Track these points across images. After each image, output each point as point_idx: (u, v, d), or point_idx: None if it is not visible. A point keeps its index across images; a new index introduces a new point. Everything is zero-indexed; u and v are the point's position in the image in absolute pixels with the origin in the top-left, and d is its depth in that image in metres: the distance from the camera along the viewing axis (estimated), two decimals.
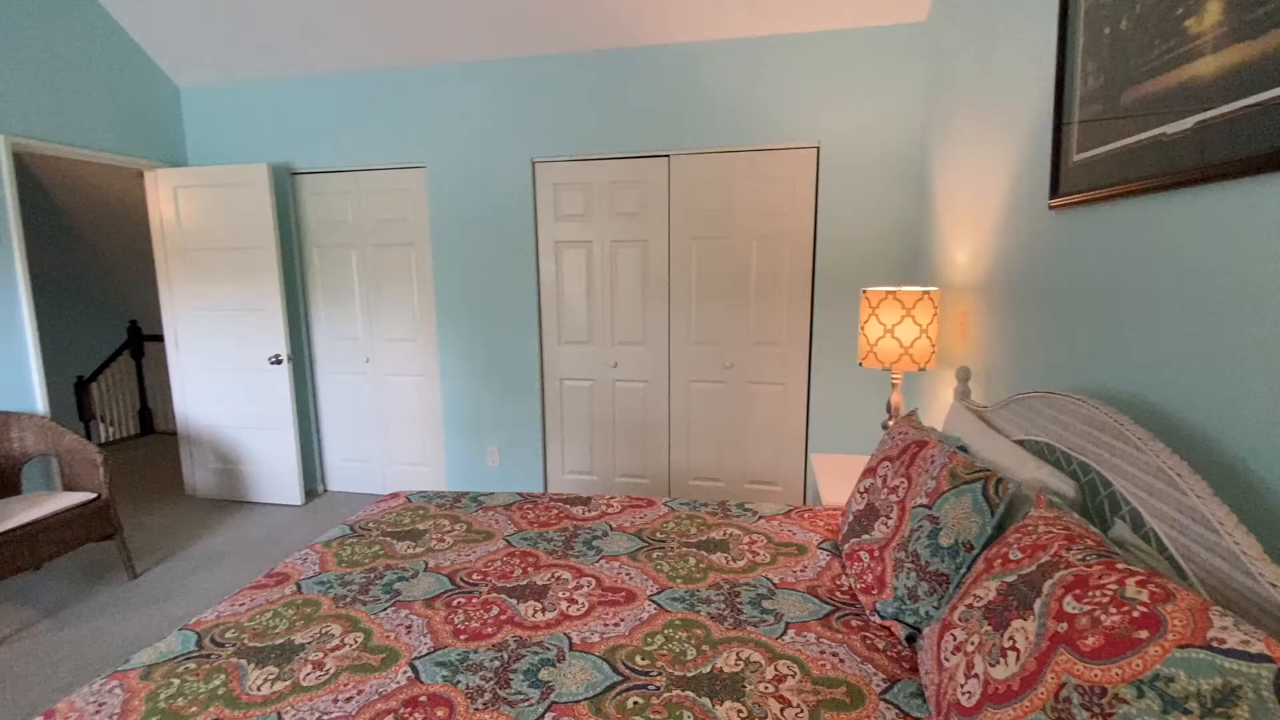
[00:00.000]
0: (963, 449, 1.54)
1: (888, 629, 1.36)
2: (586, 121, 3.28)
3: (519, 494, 2.28)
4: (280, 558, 3.08)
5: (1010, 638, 0.92)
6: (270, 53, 3.45)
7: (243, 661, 1.29)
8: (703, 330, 3.33)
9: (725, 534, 1.87)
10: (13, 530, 2.45)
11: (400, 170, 3.58)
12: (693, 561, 1.71)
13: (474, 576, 1.65)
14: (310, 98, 3.59)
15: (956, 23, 2.43)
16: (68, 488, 3.01)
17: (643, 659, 1.28)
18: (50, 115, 3.09)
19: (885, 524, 1.50)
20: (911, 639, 1.31)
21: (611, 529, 1.95)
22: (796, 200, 3.12)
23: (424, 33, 3.22)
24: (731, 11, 2.91)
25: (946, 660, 1.04)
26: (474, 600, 1.53)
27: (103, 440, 5.44)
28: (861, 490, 1.69)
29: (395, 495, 2.30)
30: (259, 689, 1.20)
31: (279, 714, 1.13)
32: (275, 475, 3.75)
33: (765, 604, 1.47)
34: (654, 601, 1.51)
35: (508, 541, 1.87)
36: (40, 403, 3.06)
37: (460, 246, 3.54)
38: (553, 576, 1.64)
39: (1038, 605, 0.91)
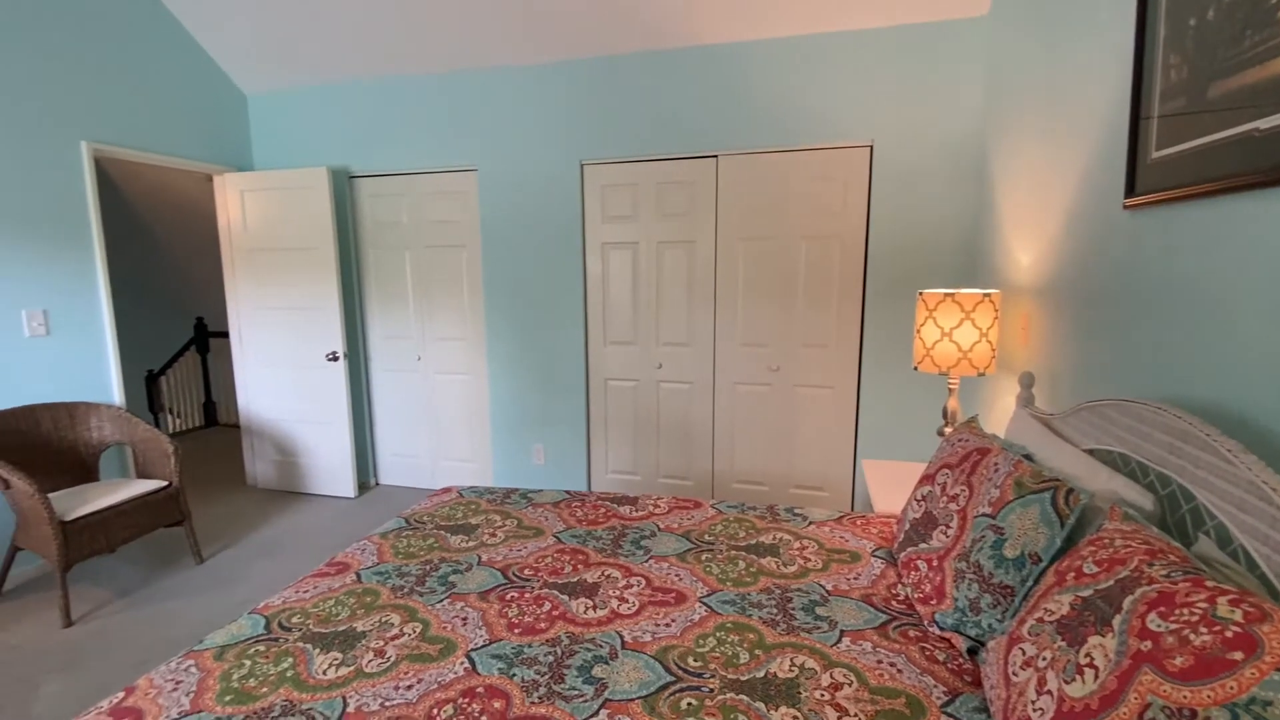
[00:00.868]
0: (1028, 458, 1.48)
1: (948, 640, 1.32)
2: (635, 123, 3.30)
3: (567, 492, 2.31)
4: (335, 548, 3.18)
5: (1087, 654, 0.88)
6: (330, 61, 3.58)
7: (309, 646, 1.34)
8: (749, 332, 3.30)
9: (775, 538, 1.85)
10: (93, 514, 2.60)
11: (453, 173, 3.66)
12: (742, 565, 1.69)
13: (526, 572, 1.68)
14: (367, 103, 3.71)
15: (1022, 16, 2.35)
16: (140, 475, 3.18)
17: (695, 660, 1.28)
18: (129, 122, 3.28)
19: (944, 533, 1.46)
20: (973, 651, 1.27)
21: (659, 529, 1.95)
22: (848, 200, 3.07)
23: (476, 37, 3.28)
24: (783, 10, 2.88)
25: (1015, 675, 1.00)
26: (526, 595, 1.55)
27: (170, 431, 5.73)
28: (918, 498, 1.65)
29: (447, 490, 2.35)
30: (325, 673, 1.25)
31: (344, 698, 1.17)
32: (330, 468, 3.89)
33: (819, 610, 1.45)
34: (704, 604, 1.50)
35: (557, 538, 1.89)
36: (117, 394, 3.24)
37: (509, 248, 3.60)
38: (602, 575, 1.66)
39: (1117, 622, 0.87)
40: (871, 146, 2.99)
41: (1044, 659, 0.95)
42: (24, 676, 2.19)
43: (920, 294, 2.17)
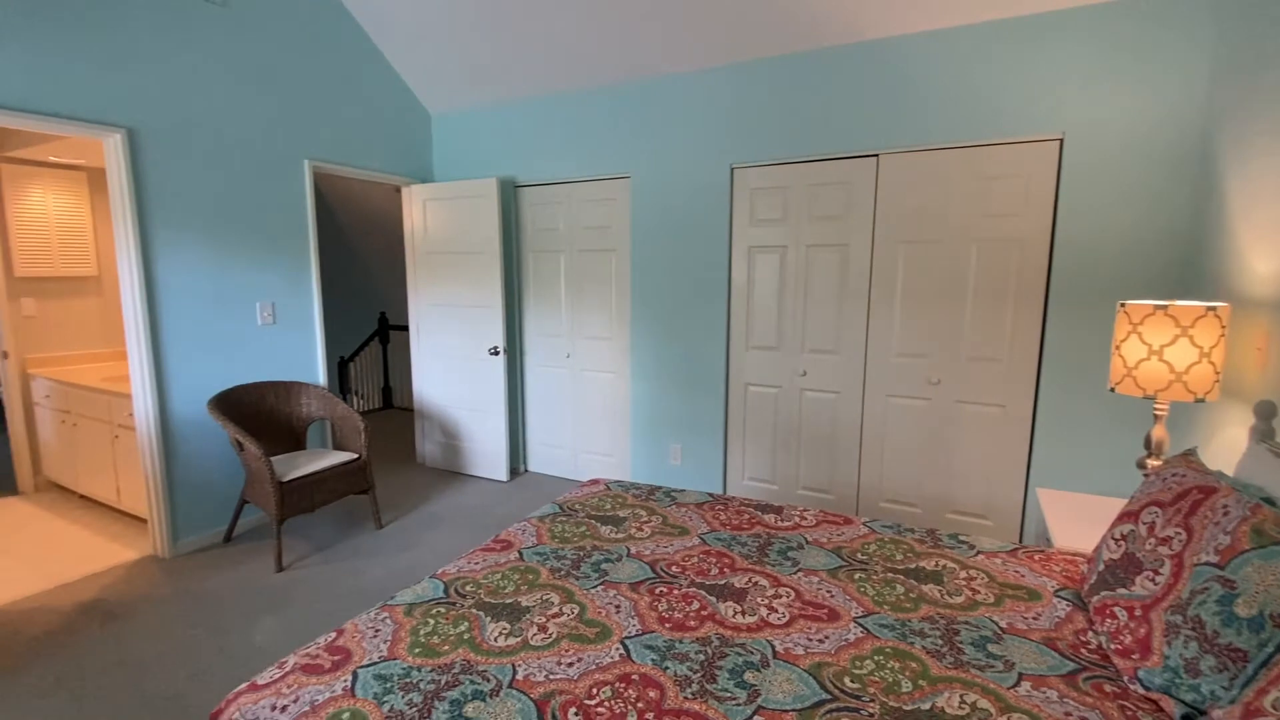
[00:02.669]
0: (1269, 501, 1.25)
1: (1154, 702, 1.16)
2: (788, 125, 3.23)
3: (709, 494, 2.32)
4: (491, 526, 3.45)
5: None
6: (502, 81, 3.89)
7: (481, 614, 1.47)
8: (906, 341, 3.11)
9: (937, 565, 1.73)
10: (303, 477, 3.03)
11: (607, 181, 3.82)
12: (900, 589, 1.60)
13: (673, 569, 1.71)
14: (533, 117, 3.98)
15: None
16: (336, 447, 3.66)
17: (852, 681, 1.23)
18: (338, 141, 3.79)
19: (1152, 580, 1.28)
20: (1188, 719, 1.10)
21: (807, 542, 1.90)
22: (1030, 199, 2.78)
23: (636, 49, 3.40)
24: None
25: None
26: (675, 591, 1.58)
27: (357, 411, 6.53)
28: (1116, 536, 1.46)
29: (595, 482, 2.46)
30: (496, 641, 1.36)
31: (513, 666, 1.27)
32: (487, 453, 4.22)
33: (991, 648, 1.33)
34: (860, 624, 1.44)
35: (702, 539, 1.91)
36: (322, 376, 3.76)
37: (656, 252, 3.69)
38: (749, 581, 1.64)
39: None
40: (1061, 140, 2.69)
41: None
42: (247, 609, 2.61)
43: (1121, 306, 1.91)
